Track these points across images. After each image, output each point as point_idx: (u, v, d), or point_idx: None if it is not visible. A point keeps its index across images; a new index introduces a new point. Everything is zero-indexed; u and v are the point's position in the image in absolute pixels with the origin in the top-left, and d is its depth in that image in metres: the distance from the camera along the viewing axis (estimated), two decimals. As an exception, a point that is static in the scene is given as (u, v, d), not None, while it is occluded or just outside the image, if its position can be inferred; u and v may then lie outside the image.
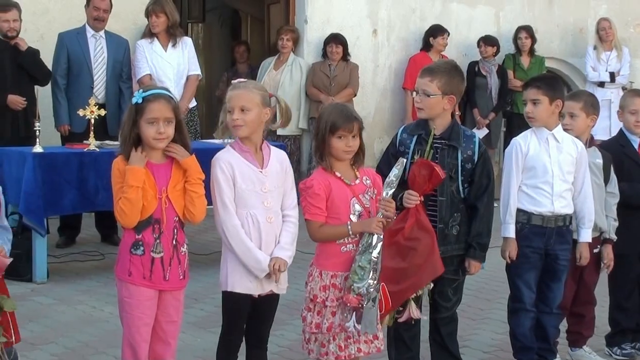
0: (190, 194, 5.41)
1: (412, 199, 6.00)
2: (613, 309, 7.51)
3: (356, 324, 5.61)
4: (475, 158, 6.24)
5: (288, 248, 5.59)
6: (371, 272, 5.60)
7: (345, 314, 5.65)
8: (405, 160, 5.83)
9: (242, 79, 6.03)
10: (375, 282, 5.61)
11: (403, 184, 5.99)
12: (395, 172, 5.67)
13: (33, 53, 10.64)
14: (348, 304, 5.59)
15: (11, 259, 5.27)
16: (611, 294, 7.53)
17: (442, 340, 6.43)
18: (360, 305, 5.58)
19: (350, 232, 5.64)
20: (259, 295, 5.64)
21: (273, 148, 5.71)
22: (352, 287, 5.57)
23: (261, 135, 5.65)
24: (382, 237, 5.65)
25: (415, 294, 6.08)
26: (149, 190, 5.28)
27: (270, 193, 5.55)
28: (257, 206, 5.53)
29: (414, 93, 6.42)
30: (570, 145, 6.66)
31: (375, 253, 5.61)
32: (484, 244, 6.30)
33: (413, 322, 6.18)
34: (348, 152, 5.70)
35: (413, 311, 6.10)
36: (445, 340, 6.44)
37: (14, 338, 5.37)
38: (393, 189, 5.66)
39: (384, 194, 5.65)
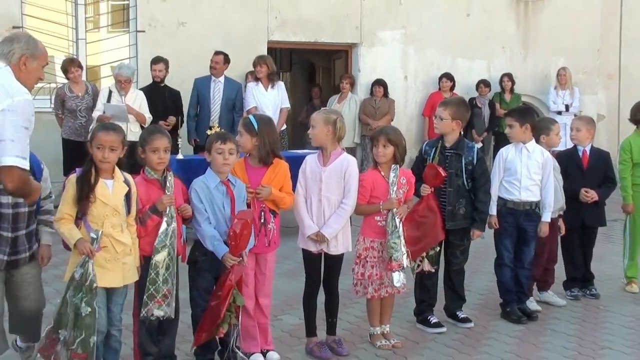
0: (279, 205, 5.44)
1: (425, 189, 6.06)
2: (566, 264, 7.49)
3: (397, 282, 5.69)
4: (475, 162, 6.23)
5: (331, 227, 5.49)
6: (402, 245, 5.63)
7: (389, 277, 5.70)
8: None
9: (325, 108, 6.06)
10: (405, 250, 5.65)
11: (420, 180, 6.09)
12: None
13: (172, 93, 10.96)
14: (392, 270, 5.64)
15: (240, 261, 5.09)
16: (564, 255, 7.49)
17: (453, 286, 6.48)
18: (401, 268, 5.65)
19: (382, 209, 5.65)
20: (323, 254, 5.63)
21: (343, 155, 5.58)
22: (392, 257, 5.59)
23: (331, 144, 5.54)
24: (402, 218, 5.68)
25: (426, 253, 6.12)
26: None
27: (325, 183, 5.51)
28: (315, 191, 5.53)
29: (434, 118, 6.43)
30: (538, 154, 6.63)
31: (400, 231, 5.62)
32: (483, 219, 6.34)
33: (427, 273, 6.19)
34: (379, 156, 5.73)
35: (426, 266, 6.15)
36: (456, 286, 6.49)
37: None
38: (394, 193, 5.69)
39: (392, 195, 5.68)
